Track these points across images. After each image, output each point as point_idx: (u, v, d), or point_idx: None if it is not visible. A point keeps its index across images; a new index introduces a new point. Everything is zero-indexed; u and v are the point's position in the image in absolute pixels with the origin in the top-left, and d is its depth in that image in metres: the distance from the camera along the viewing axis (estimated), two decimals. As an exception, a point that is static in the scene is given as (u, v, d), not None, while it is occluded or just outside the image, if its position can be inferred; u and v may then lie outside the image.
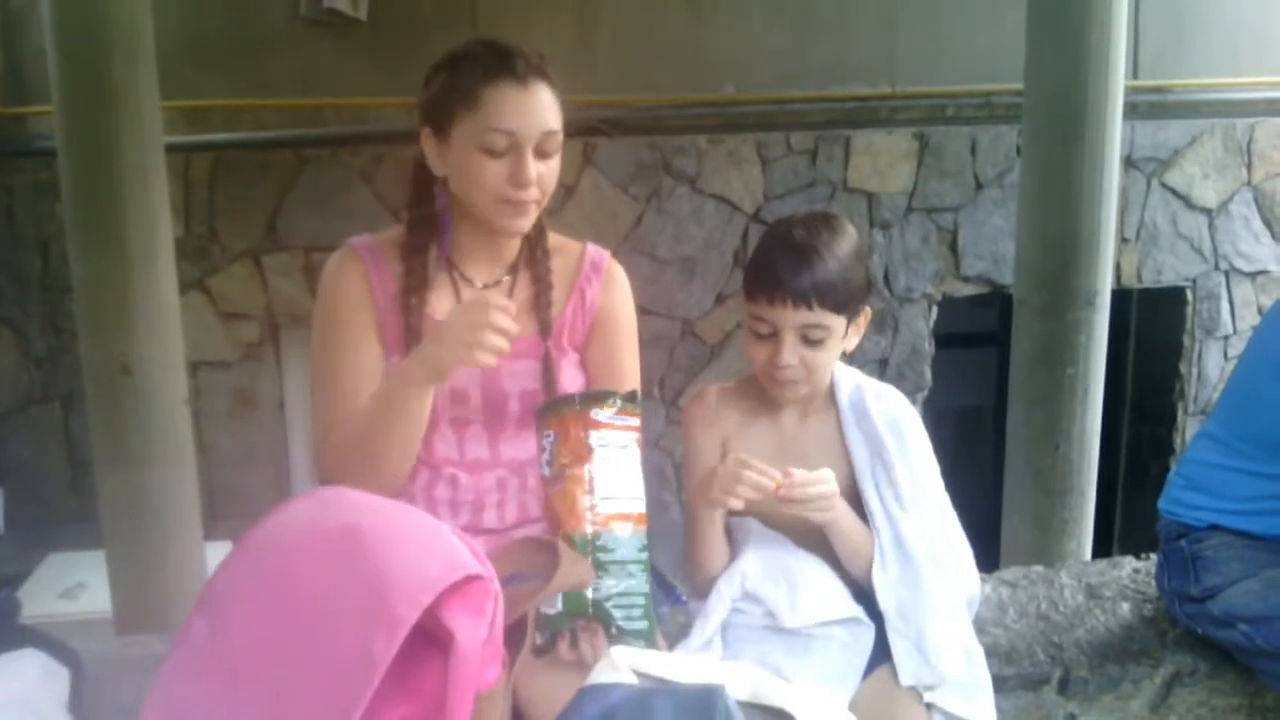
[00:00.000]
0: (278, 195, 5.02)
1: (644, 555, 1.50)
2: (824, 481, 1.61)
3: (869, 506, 1.71)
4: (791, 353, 1.66)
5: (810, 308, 1.64)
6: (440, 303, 1.73)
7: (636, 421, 1.53)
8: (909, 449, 1.75)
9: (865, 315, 1.75)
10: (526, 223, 1.69)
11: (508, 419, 1.73)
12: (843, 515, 1.68)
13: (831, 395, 1.79)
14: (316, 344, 1.75)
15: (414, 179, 1.77)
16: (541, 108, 1.65)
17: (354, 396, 1.68)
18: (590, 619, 1.48)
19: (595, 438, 1.48)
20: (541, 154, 1.65)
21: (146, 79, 3.51)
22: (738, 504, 1.62)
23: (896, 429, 1.76)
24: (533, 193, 1.65)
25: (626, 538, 1.49)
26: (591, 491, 1.46)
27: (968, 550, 1.79)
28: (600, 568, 1.48)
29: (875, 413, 1.76)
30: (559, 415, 1.54)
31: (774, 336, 1.67)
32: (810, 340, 1.66)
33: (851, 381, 1.81)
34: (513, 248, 1.79)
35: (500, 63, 1.64)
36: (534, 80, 1.65)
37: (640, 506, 1.51)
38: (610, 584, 1.47)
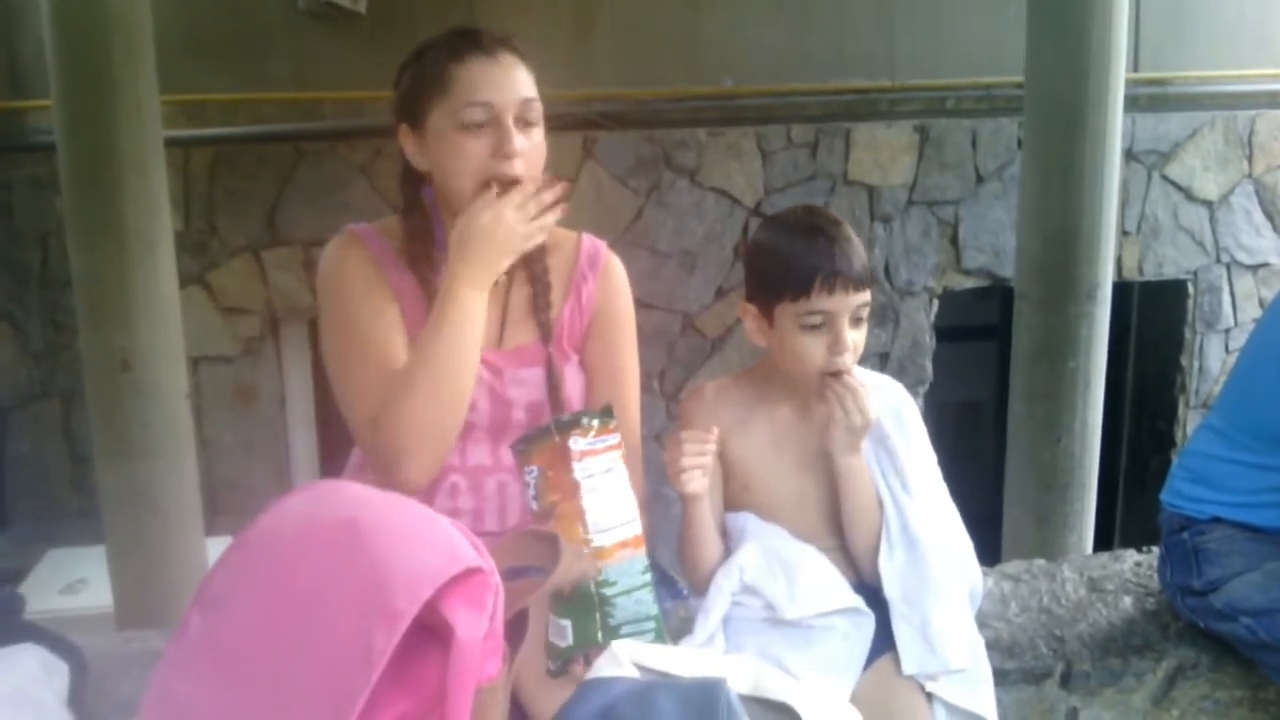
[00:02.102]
0: (277, 189, 5.01)
1: (647, 575, 1.47)
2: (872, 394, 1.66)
3: (877, 495, 1.71)
4: (850, 338, 1.67)
5: (863, 288, 1.66)
6: None
7: (616, 439, 1.47)
8: (912, 438, 1.76)
9: None
10: None
11: (511, 426, 1.70)
12: (863, 464, 1.69)
13: None
14: (331, 316, 1.67)
15: (402, 183, 1.73)
16: (515, 77, 1.61)
17: (391, 360, 1.61)
18: (603, 646, 1.45)
19: (579, 470, 1.43)
20: (523, 124, 1.61)
21: (145, 73, 3.51)
22: (696, 485, 1.63)
23: (899, 418, 1.77)
24: (519, 166, 1.60)
25: (627, 565, 1.45)
26: (586, 527, 1.42)
27: (967, 543, 1.79)
28: (606, 602, 1.44)
29: (877, 403, 1.75)
30: (539, 449, 1.46)
31: (827, 327, 1.66)
32: (858, 320, 1.68)
33: None
34: None
35: (465, 41, 1.61)
36: (503, 52, 1.62)
37: (636, 528, 1.46)
38: (619, 614, 1.44)
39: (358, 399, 1.61)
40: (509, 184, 1.59)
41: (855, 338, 1.67)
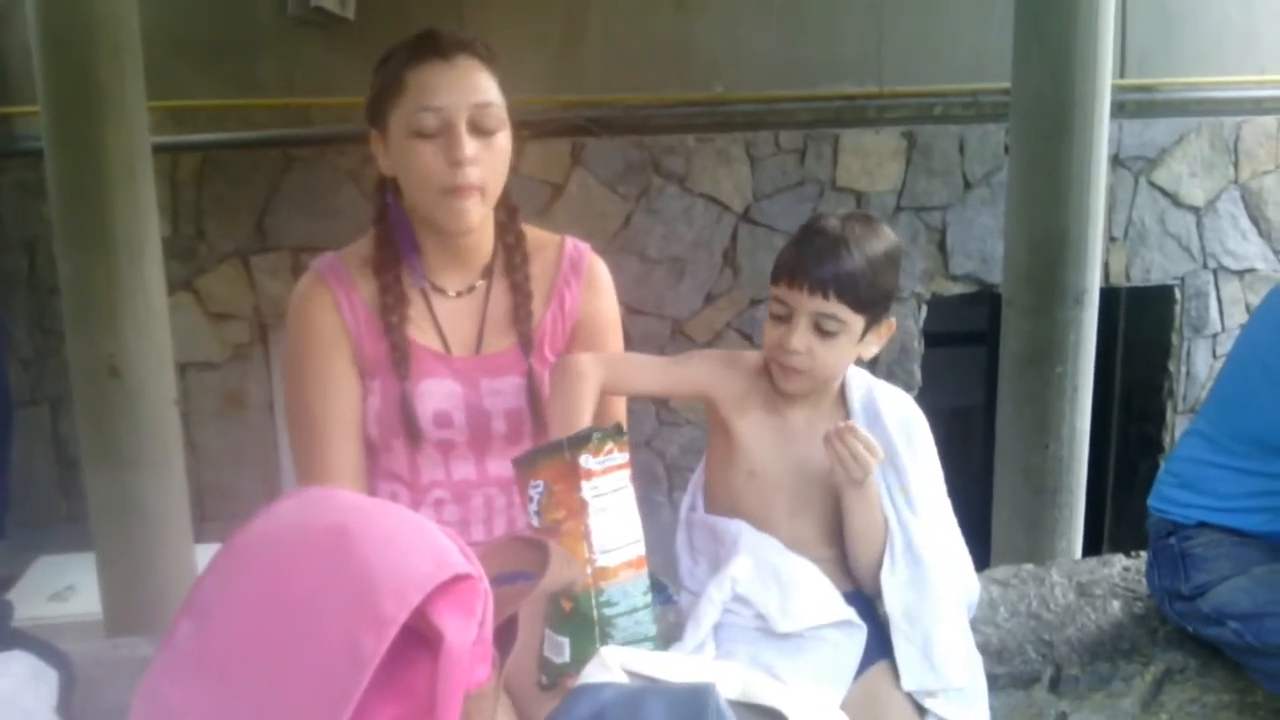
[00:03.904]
0: (265, 195, 5.01)
1: (648, 596, 1.45)
2: (877, 448, 1.61)
3: (882, 513, 1.70)
4: (801, 338, 1.63)
5: (826, 297, 1.61)
6: (414, 317, 1.67)
7: (626, 456, 1.43)
8: (919, 453, 1.73)
9: (888, 326, 1.71)
10: (471, 213, 1.59)
11: (493, 439, 1.69)
12: (871, 489, 1.66)
13: (842, 396, 1.76)
14: (289, 384, 1.69)
15: (376, 191, 1.71)
16: (471, 81, 1.57)
17: (337, 440, 1.64)
18: None
19: (588, 489, 1.39)
20: (479, 131, 1.56)
21: (133, 78, 3.51)
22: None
23: (908, 433, 1.74)
24: (472, 174, 1.55)
25: (630, 585, 1.42)
26: (591, 547, 1.38)
27: (967, 557, 1.78)
28: (607, 622, 1.41)
29: (887, 416, 1.72)
30: (547, 465, 1.42)
31: (789, 319, 1.64)
32: (823, 331, 1.63)
33: (863, 384, 1.78)
34: (482, 250, 1.71)
35: (424, 44, 1.59)
36: (461, 56, 1.58)
37: (640, 549, 1.43)
38: (619, 635, 1.42)
39: (297, 463, 1.68)
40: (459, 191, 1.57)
41: (816, 345, 1.63)
